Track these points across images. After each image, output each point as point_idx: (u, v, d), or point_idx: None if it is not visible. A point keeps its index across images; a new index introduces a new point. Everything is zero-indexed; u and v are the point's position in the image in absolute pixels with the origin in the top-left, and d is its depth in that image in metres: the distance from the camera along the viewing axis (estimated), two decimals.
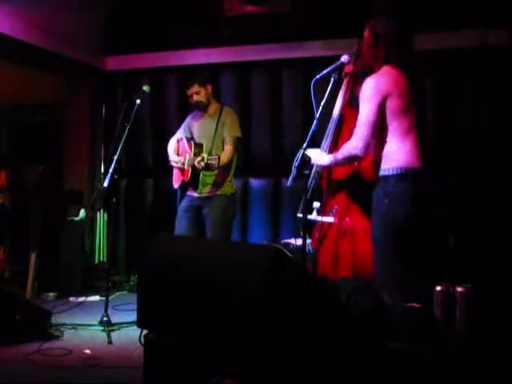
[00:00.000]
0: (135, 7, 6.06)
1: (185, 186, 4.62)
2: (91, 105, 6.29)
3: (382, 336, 2.52)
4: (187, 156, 4.48)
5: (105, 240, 6.13)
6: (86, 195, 6.06)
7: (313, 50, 5.44)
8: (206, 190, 4.54)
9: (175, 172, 4.69)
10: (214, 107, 4.65)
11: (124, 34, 6.14)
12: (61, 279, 5.39)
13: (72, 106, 6.33)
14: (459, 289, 2.67)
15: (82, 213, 5.72)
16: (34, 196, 5.94)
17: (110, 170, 4.13)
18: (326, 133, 3.88)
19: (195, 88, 4.57)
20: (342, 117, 3.89)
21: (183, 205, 4.63)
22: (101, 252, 6.16)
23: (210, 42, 5.83)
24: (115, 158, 4.15)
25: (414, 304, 2.68)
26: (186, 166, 4.48)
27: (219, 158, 4.20)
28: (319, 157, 3.38)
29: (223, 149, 4.50)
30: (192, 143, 4.53)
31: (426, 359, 2.41)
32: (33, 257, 5.12)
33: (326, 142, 3.86)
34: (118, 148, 4.18)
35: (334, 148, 3.79)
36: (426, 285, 2.84)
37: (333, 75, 3.43)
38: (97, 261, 6.15)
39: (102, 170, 6.14)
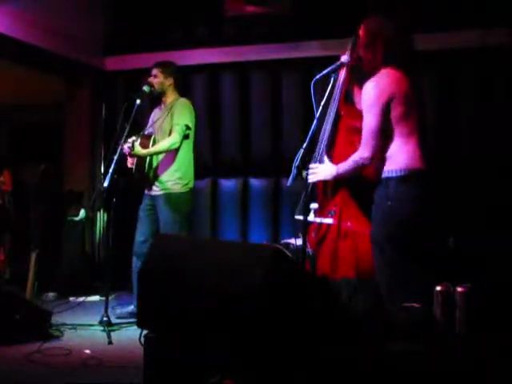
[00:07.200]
0: (135, 7, 6.06)
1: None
2: (91, 105, 6.28)
3: (382, 336, 2.51)
4: None
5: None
6: (86, 195, 6.05)
7: (312, 50, 5.42)
8: (152, 186, 4.49)
9: None
10: (170, 99, 4.54)
11: (124, 34, 6.13)
12: (61, 279, 5.39)
13: (72, 106, 6.33)
14: (459, 289, 2.67)
15: (82, 213, 5.72)
16: (34, 196, 5.93)
17: (110, 170, 4.13)
18: (322, 131, 3.80)
19: (155, 71, 4.51)
20: (338, 113, 3.84)
21: (142, 204, 4.59)
22: (101, 252, 6.15)
23: (210, 42, 5.83)
24: (115, 157, 4.15)
25: (414, 304, 2.67)
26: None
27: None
28: (320, 172, 3.37)
29: None
30: (141, 135, 4.46)
31: (426, 359, 2.41)
32: (33, 257, 5.11)
33: (323, 140, 3.79)
34: (117, 148, 4.18)
35: (331, 147, 3.74)
36: (426, 285, 2.84)
37: (333, 75, 3.42)
38: (97, 261, 6.15)
39: (102, 170, 6.14)
